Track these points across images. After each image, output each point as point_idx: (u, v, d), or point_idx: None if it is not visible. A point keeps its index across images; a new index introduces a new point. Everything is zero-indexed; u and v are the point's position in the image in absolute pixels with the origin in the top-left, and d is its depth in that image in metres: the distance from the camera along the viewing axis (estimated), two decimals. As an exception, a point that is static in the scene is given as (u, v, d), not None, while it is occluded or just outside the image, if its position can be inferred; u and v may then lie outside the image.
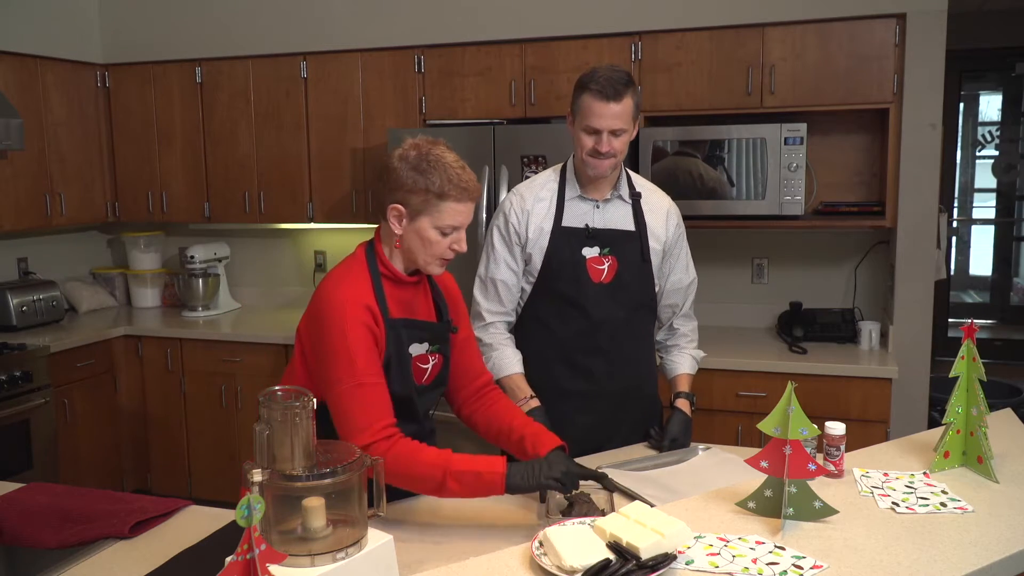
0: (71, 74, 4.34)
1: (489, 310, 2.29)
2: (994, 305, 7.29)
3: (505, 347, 2.26)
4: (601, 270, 2.23)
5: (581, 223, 2.24)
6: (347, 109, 4.09)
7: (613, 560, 1.38)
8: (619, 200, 2.27)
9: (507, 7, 3.80)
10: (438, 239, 1.79)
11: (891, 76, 3.36)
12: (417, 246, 1.80)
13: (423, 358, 1.89)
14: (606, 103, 2.08)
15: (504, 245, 2.28)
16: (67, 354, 3.92)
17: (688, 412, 2.29)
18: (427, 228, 1.78)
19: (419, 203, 1.76)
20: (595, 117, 2.10)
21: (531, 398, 2.19)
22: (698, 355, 2.43)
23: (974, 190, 7.52)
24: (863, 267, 3.80)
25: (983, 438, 1.80)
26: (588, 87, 2.10)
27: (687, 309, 2.42)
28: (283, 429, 1.36)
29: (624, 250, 2.24)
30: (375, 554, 1.39)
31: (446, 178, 1.75)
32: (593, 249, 2.23)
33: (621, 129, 2.11)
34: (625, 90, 2.09)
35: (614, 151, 2.13)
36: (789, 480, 1.56)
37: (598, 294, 2.23)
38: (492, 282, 2.28)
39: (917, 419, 3.46)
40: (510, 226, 2.27)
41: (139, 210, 4.55)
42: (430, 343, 1.90)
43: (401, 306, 1.86)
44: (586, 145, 2.14)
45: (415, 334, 1.86)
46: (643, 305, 2.31)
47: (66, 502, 1.84)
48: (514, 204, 2.29)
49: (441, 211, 1.76)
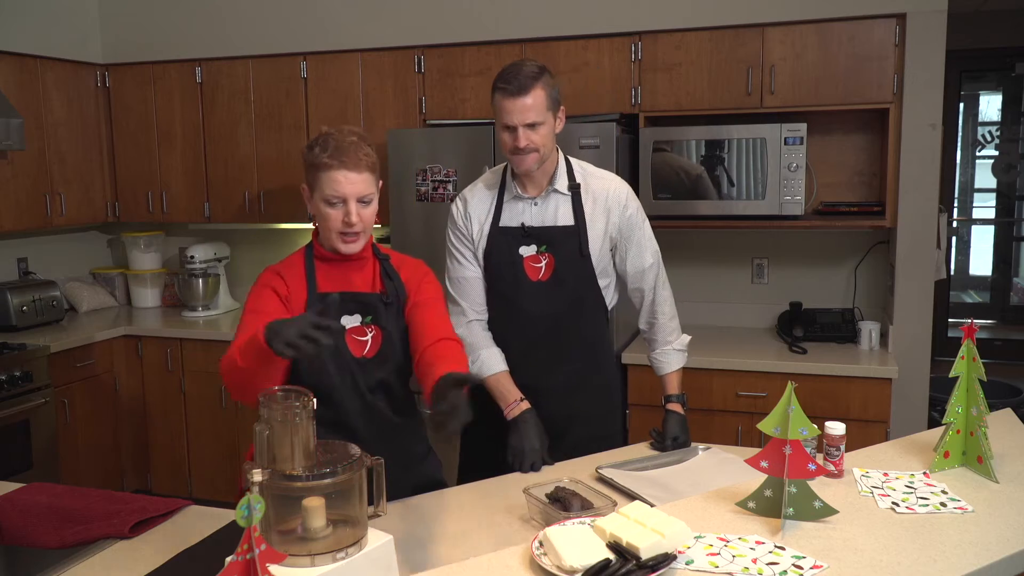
0: (71, 74, 4.34)
1: (467, 308, 2.30)
2: (994, 305, 7.29)
3: (488, 346, 2.28)
4: (538, 268, 2.25)
5: (517, 222, 2.26)
6: (347, 109, 4.09)
7: (613, 560, 1.38)
8: (556, 194, 2.26)
9: (507, 7, 3.80)
10: (328, 211, 1.84)
11: (891, 76, 3.36)
12: (321, 224, 1.89)
13: (359, 330, 1.92)
14: (514, 99, 2.09)
15: (461, 244, 2.32)
16: (67, 354, 3.92)
17: (681, 411, 2.29)
18: (318, 202, 1.85)
19: (311, 179, 1.85)
20: (506, 114, 2.12)
21: (521, 400, 2.20)
22: (683, 343, 2.39)
23: (974, 190, 7.52)
24: (863, 267, 3.80)
25: (983, 438, 1.80)
26: (497, 86, 2.13)
27: (660, 289, 2.35)
28: (283, 429, 1.36)
29: (561, 247, 2.25)
30: (375, 554, 1.40)
31: (322, 147, 1.82)
32: (530, 248, 2.25)
33: (536, 122, 2.12)
34: (532, 83, 2.10)
35: (534, 145, 2.13)
36: (789, 480, 1.56)
37: (535, 292, 2.25)
38: (464, 280, 2.31)
39: (917, 419, 3.46)
40: (458, 228, 2.32)
41: (139, 210, 4.55)
42: (362, 315, 1.93)
43: (334, 281, 1.92)
44: (506, 143, 2.16)
45: (344, 306, 1.91)
46: (585, 300, 2.30)
47: (66, 502, 1.84)
48: (459, 207, 2.33)
49: (321, 181, 1.83)
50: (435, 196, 3.59)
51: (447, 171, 3.56)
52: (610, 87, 3.63)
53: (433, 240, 3.61)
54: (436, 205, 3.59)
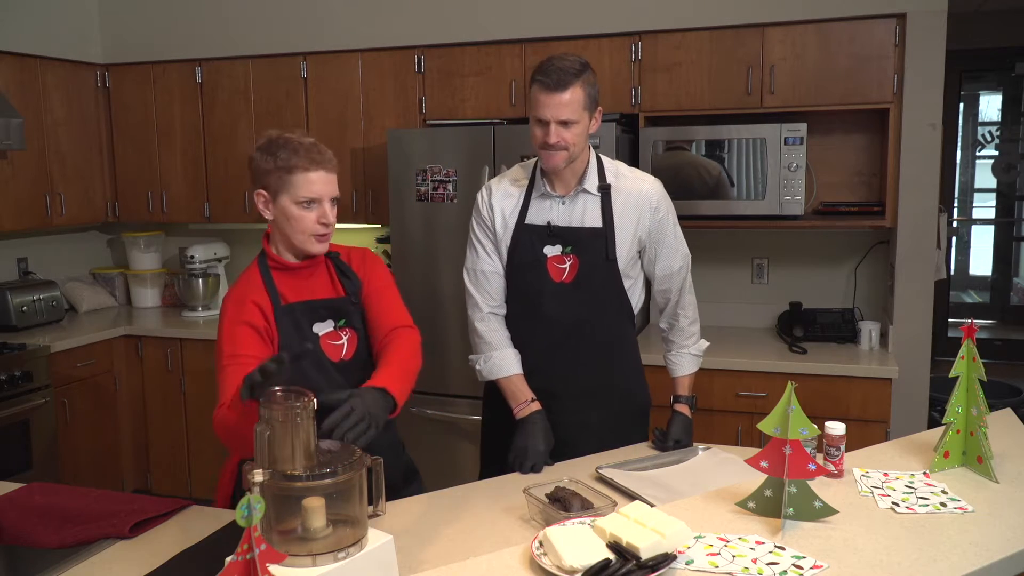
0: (71, 74, 4.34)
1: (483, 301, 2.27)
2: (994, 305, 7.30)
3: (504, 347, 2.24)
4: (562, 269, 2.21)
5: (543, 220, 2.22)
6: (347, 109, 4.09)
7: (613, 560, 1.38)
8: (584, 194, 2.21)
9: (507, 7, 3.80)
10: (301, 214, 1.84)
11: (891, 76, 3.36)
12: (287, 226, 1.87)
13: (333, 335, 1.93)
14: (550, 93, 2.04)
15: (485, 236, 2.27)
16: (67, 354, 3.92)
17: (688, 415, 2.28)
18: (288, 205, 1.84)
19: (275, 183, 1.83)
20: (541, 107, 2.07)
21: (531, 401, 2.18)
22: (699, 349, 2.39)
23: (974, 190, 7.53)
24: (863, 267, 3.80)
25: (983, 438, 1.80)
26: (535, 78, 2.08)
27: (687, 293, 2.35)
28: (283, 429, 1.36)
29: (587, 249, 2.20)
30: (375, 554, 1.39)
31: (291, 150, 1.82)
32: (555, 248, 2.20)
33: (570, 120, 2.06)
34: (572, 79, 2.04)
35: (564, 143, 2.08)
36: (789, 480, 1.56)
37: (558, 294, 2.21)
38: (482, 274, 2.27)
39: (917, 419, 3.46)
40: (482, 217, 2.28)
41: (139, 210, 4.55)
42: (335, 319, 1.93)
43: (296, 291, 1.91)
44: (537, 137, 2.11)
45: (315, 314, 1.91)
46: (610, 304, 2.25)
47: (66, 502, 1.84)
48: (484, 197, 2.29)
49: (294, 184, 1.82)
50: (435, 196, 3.59)
51: (447, 171, 3.56)
52: (610, 87, 3.63)
53: (433, 240, 3.62)
54: (436, 205, 3.59)
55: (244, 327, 1.83)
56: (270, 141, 1.86)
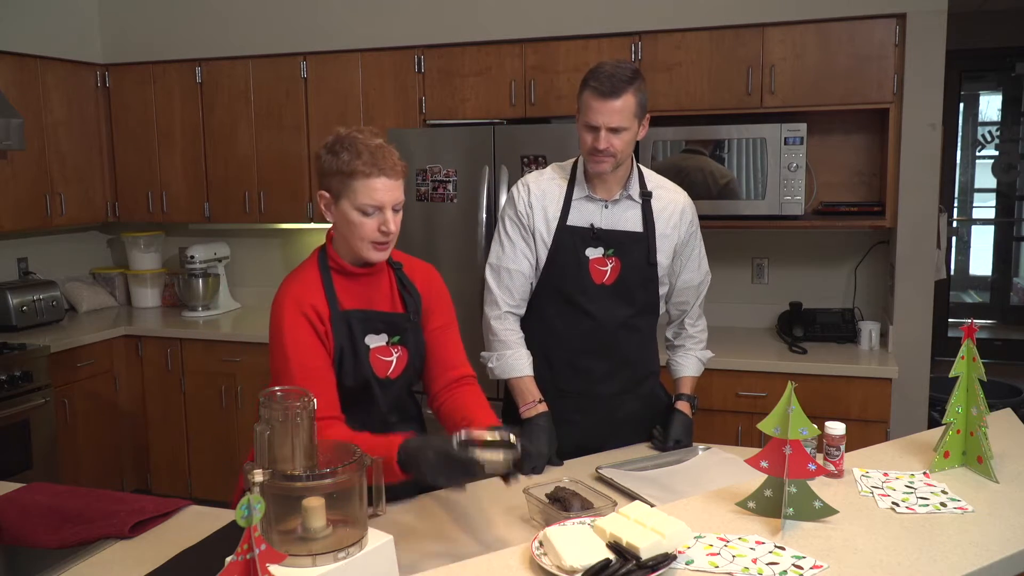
0: (71, 74, 4.34)
1: (503, 299, 2.25)
2: (994, 305, 7.29)
3: (518, 347, 2.24)
4: (604, 271, 2.21)
5: (586, 223, 2.22)
6: (347, 109, 4.09)
7: (613, 560, 1.38)
8: (628, 200, 2.23)
9: (507, 7, 3.80)
10: (361, 220, 1.76)
11: (891, 76, 3.36)
12: (347, 231, 1.79)
13: (384, 350, 1.87)
14: (603, 100, 2.05)
15: (519, 233, 2.25)
16: (67, 354, 3.92)
17: (689, 413, 2.29)
18: (349, 210, 1.76)
19: (337, 186, 1.76)
20: (592, 113, 2.07)
21: (539, 402, 2.18)
22: (705, 356, 2.42)
23: (974, 190, 7.53)
24: (863, 267, 3.80)
25: (983, 438, 1.80)
26: (588, 83, 2.08)
27: (698, 307, 2.40)
28: (283, 429, 1.36)
29: (629, 252, 2.21)
30: (375, 554, 1.39)
31: (354, 154, 1.73)
32: (597, 250, 2.21)
33: (621, 127, 2.07)
34: (625, 87, 2.05)
35: (613, 149, 2.09)
36: (789, 480, 1.56)
37: (599, 295, 2.22)
38: (507, 272, 2.25)
39: (917, 419, 3.46)
40: (519, 214, 2.25)
41: (139, 210, 4.55)
42: (389, 335, 1.88)
43: (355, 297, 1.85)
44: (586, 142, 2.12)
45: (370, 325, 1.85)
46: (646, 306, 2.29)
47: (66, 502, 1.84)
48: (522, 194, 2.26)
49: (355, 190, 1.74)
50: (435, 196, 3.59)
51: (447, 171, 3.56)
52: (610, 87, 3.62)
53: (433, 240, 3.62)
54: (436, 205, 3.59)
55: (310, 335, 1.77)
56: (336, 140, 1.77)
